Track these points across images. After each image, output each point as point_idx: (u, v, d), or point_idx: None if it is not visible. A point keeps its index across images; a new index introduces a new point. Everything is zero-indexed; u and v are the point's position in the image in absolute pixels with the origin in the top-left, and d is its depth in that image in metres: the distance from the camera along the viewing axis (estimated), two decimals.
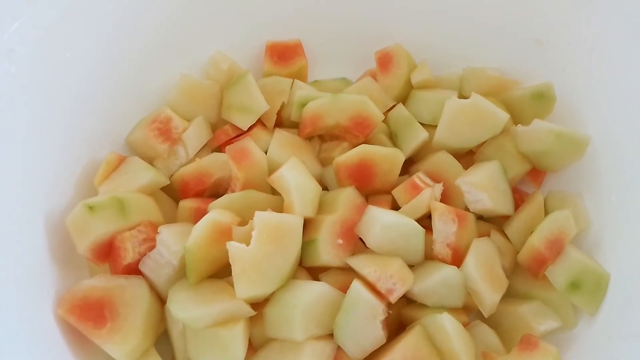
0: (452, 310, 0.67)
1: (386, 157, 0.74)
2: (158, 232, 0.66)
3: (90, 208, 0.65)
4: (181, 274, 0.66)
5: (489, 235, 0.74)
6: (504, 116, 0.75)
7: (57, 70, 0.69)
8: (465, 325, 0.67)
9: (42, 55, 0.66)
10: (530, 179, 0.81)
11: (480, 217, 0.77)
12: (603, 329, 0.67)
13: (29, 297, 0.61)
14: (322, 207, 0.71)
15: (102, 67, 0.76)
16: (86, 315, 0.62)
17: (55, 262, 0.66)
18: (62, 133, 0.71)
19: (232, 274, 0.61)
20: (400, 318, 0.70)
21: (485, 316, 0.68)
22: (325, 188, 0.78)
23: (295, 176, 0.68)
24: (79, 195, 0.72)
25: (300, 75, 0.90)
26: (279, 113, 0.84)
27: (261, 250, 0.62)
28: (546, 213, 0.76)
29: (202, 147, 0.81)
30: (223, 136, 0.81)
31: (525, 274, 0.73)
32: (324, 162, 0.80)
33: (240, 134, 0.82)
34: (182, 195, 0.75)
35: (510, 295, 0.73)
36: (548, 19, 0.80)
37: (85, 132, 0.74)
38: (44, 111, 0.68)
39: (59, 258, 0.67)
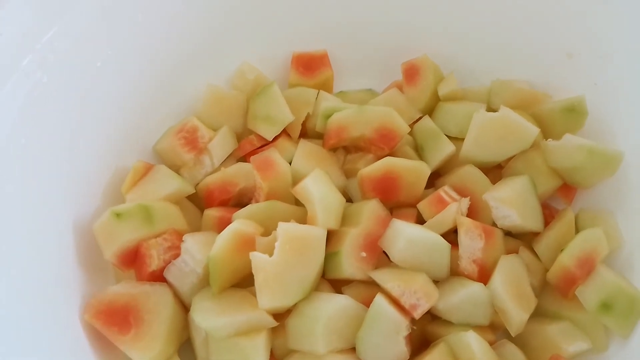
0: (478, 328, 0.65)
1: (411, 169, 0.73)
2: (183, 241, 0.66)
3: (118, 215, 0.65)
4: (205, 282, 0.66)
5: (517, 252, 0.72)
6: (534, 130, 0.73)
7: (87, 79, 0.70)
8: (491, 344, 0.66)
9: (73, 65, 0.68)
10: (561, 195, 0.79)
11: (508, 233, 0.75)
12: (636, 353, 0.65)
13: (56, 301, 0.62)
14: (345, 220, 0.71)
15: (131, 78, 0.77)
16: (111, 320, 0.62)
17: (83, 268, 0.67)
18: (91, 141, 0.72)
19: (255, 284, 0.61)
20: (424, 334, 0.69)
21: (513, 335, 0.67)
22: (349, 200, 0.77)
23: (319, 187, 0.68)
24: (106, 202, 0.73)
25: (325, 86, 0.90)
26: (303, 124, 0.84)
27: (284, 261, 0.62)
28: (577, 231, 0.74)
29: (228, 157, 0.82)
30: (248, 146, 0.82)
31: (554, 293, 0.71)
32: (348, 174, 0.79)
33: (265, 144, 0.82)
34: (207, 204, 0.76)
35: (538, 315, 0.71)
36: (580, 31, 0.79)
37: (114, 140, 0.76)
38: (74, 119, 0.69)
39: (86, 264, 0.68)
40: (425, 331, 0.69)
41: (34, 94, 0.63)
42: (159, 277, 0.67)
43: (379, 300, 0.62)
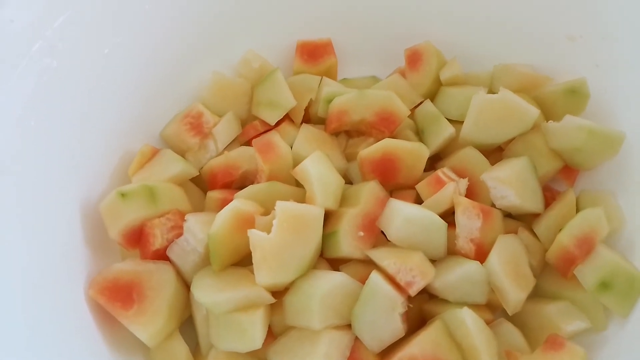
0: (475, 307, 0.66)
1: (410, 151, 0.74)
2: (185, 220, 0.68)
3: (123, 195, 0.68)
4: (206, 261, 0.68)
5: (516, 233, 0.72)
6: (534, 112, 0.73)
7: (96, 66, 0.73)
8: (488, 322, 0.66)
9: (82, 51, 0.70)
10: (563, 177, 0.79)
11: (508, 215, 0.75)
12: (636, 332, 0.64)
13: (63, 277, 0.64)
14: (344, 201, 0.72)
15: (138, 65, 0.79)
16: (115, 296, 0.65)
17: (89, 246, 0.69)
18: (99, 126, 0.74)
19: (253, 261, 0.63)
20: (421, 313, 0.70)
21: (510, 314, 0.67)
22: (350, 184, 0.79)
23: (318, 168, 0.69)
24: (113, 184, 0.75)
25: (329, 74, 0.92)
26: (306, 110, 0.85)
27: (281, 238, 0.63)
28: (578, 212, 0.73)
29: (232, 142, 0.83)
30: (252, 131, 0.84)
31: (553, 273, 0.71)
32: (350, 158, 0.81)
33: (269, 129, 0.84)
34: (210, 186, 0.78)
35: (537, 295, 0.71)
36: (582, 13, 0.78)
37: (122, 126, 0.78)
38: (83, 104, 0.72)
39: (92, 242, 0.70)
40: (422, 310, 0.69)
41: (44, 78, 0.66)
42: (162, 255, 0.69)
43: (375, 276, 0.63)
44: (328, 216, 0.70)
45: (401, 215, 0.66)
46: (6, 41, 0.62)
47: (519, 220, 0.76)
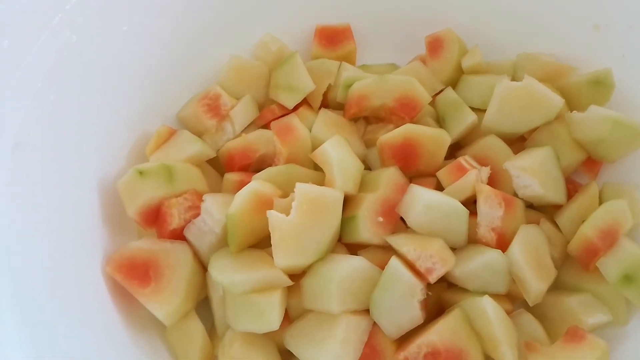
0: (495, 296, 0.65)
1: (431, 137, 0.72)
2: (203, 201, 0.68)
3: (141, 173, 0.67)
4: (223, 242, 0.68)
5: (537, 224, 0.71)
6: (558, 101, 0.72)
7: (114, 43, 0.72)
8: (508, 313, 0.65)
9: (101, 27, 0.70)
10: (586, 169, 0.77)
11: (530, 206, 0.74)
12: None
13: (81, 254, 0.64)
14: (364, 186, 0.71)
15: (157, 45, 0.79)
16: (132, 274, 0.64)
17: (106, 224, 0.69)
18: (118, 104, 0.74)
19: (271, 242, 0.62)
20: (440, 302, 0.69)
21: (530, 305, 0.66)
22: (369, 169, 0.77)
23: (338, 151, 0.68)
24: (131, 163, 0.74)
25: (348, 59, 0.90)
26: (325, 94, 0.84)
27: (300, 221, 0.62)
28: (601, 204, 0.72)
29: (249, 125, 0.82)
30: (269, 115, 0.83)
31: (575, 265, 0.70)
32: (369, 144, 0.80)
33: (286, 113, 0.83)
34: (227, 168, 0.77)
35: (558, 287, 0.70)
36: (607, 2, 0.77)
37: (140, 105, 0.78)
38: (101, 82, 0.71)
39: (110, 221, 0.70)
40: (441, 298, 0.68)
41: (64, 53, 0.65)
42: (179, 235, 0.69)
43: (394, 262, 0.62)
44: (347, 201, 0.69)
45: (422, 201, 0.65)
46: (26, 13, 0.61)
47: (540, 211, 0.75)
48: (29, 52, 0.61)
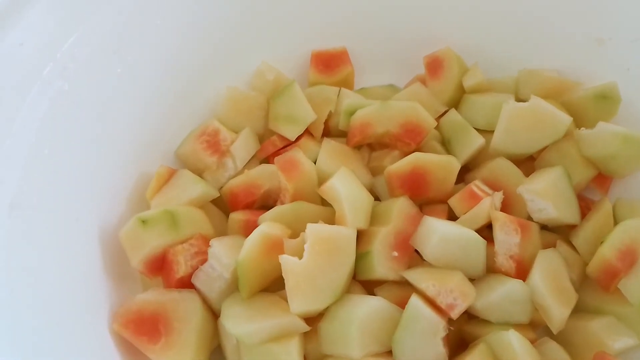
0: (518, 326, 0.63)
1: (440, 165, 0.71)
2: (210, 246, 0.65)
3: (144, 222, 0.64)
4: (233, 287, 0.65)
5: (554, 246, 0.70)
6: (566, 119, 0.71)
7: (108, 86, 0.69)
8: (532, 342, 0.63)
9: (93, 72, 0.67)
10: (596, 185, 0.76)
11: (544, 227, 0.72)
12: None
13: (84, 310, 0.61)
14: (374, 218, 0.69)
15: (151, 83, 0.76)
16: (141, 329, 0.61)
17: (109, 276, 0.66)
18: (113, 148, 0.71)
19: (286, 288, 0.60)
20: (461, 334, 0.67)
21: (554, 332, 0.64)
22: (376, 198, 0.75)
23: (347, 186, 0.66)
24: (131, 208, 0.72)
25: (346, 84, 0.88)
26: (326, 122, 0.82)
27: (314, 263, 0.60)
28: (615, 221, 0.71)
29: (250, 159, 0.80)
30: (271, 147, 0.80)
31: (595, 287, 0.68)
32: (374, 172, 0.78)
33: (288, 144, 0.81)
34: (231, 207, 0.75)
35: (579, 310, 0.68)
36: (609, 16, 0.76)
37: (136, 146, 0.75)
38: (96, 126, 0.68)
39: (112, 272, 0.67)
40: (462, 331, 0.66)
41: (56, 102, 0.62)
42: (186, 283, 0.66)
43: (415, 301, 0.60)
44: (358, 235, 0.66)
45: (438, 234, 0.63)
46: (17, 66, 0.59)
47: (553, 232, 0.73)
48: (22, 105, 0.58)
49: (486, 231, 0.68)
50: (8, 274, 0.53)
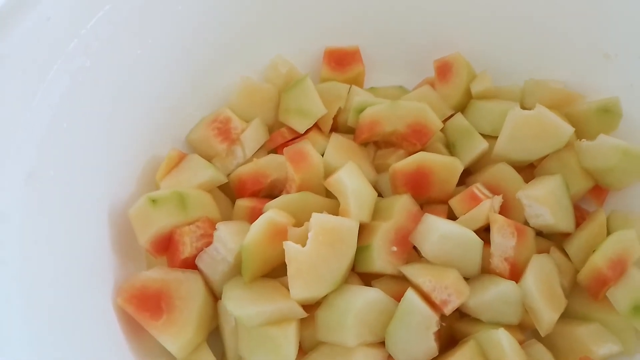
0: (507, 327, 0.65)
1: (444, 165, 0.73)
2: (216, 229, 0.67)
3: (154, 201, 0.66)
4: (236, 271, 0.67)
5: (548, 252, 0.72)
6: (568, 129, 0.73)
7: (127, 66, 0.71)
8: (520, 343, 0.65)
9: (115, 52, 0.69)
10: (592, 196, 0.78)
11: (539, 233, 0.75)
12: None
13: (90, 284, 0.63)
14: (376, 214, 0.71)
15: (168, 67, 0.78)
16: (144, 305, 0.63)
17: (115, 252, 0.68)
18: (127, 128, 0.73)
19: (288, 274, 0.61)
20: (451, 331, 0.69)
21: (542, 335, 0.66)
22: (379, 195, 0.77)
23: (353, 180, 0.68)
24: (140, 189, 0.74)
25: (357, 82, 0.90)
26: (335, 118, 0.84)
27: (317, 252, 0.62)
28: (608, 232, 0.73)
29: (259, 149, 0.82)
30: (279, 138, 0.82)
31: (584, 294, 0.71)
32: (379, 169, 0.80)
33: (297, 136, 0.83)
34: (238, 194, 0.77)
35: (567, 316, 0.70)
36: (617, 32, 0.78)
37: (149, 128, 0.77)
38: (112, 106, 0.70)
39: (119, 248, 0.68)
40: (453, 328, 0.69)
41: (77, 79, 0.64)
42: (190, 264, 0.68)
43: (410, 295, 0.62)
44: (360, 229, 0.68)
45: (438, 232, 0.65)
46: (43, 39, 0.60)
47: (548, 238, 0.76)
48: (44, 79, 0.60)
49: (483, 233, 0.70)
50: (23, 241, 0.55)
